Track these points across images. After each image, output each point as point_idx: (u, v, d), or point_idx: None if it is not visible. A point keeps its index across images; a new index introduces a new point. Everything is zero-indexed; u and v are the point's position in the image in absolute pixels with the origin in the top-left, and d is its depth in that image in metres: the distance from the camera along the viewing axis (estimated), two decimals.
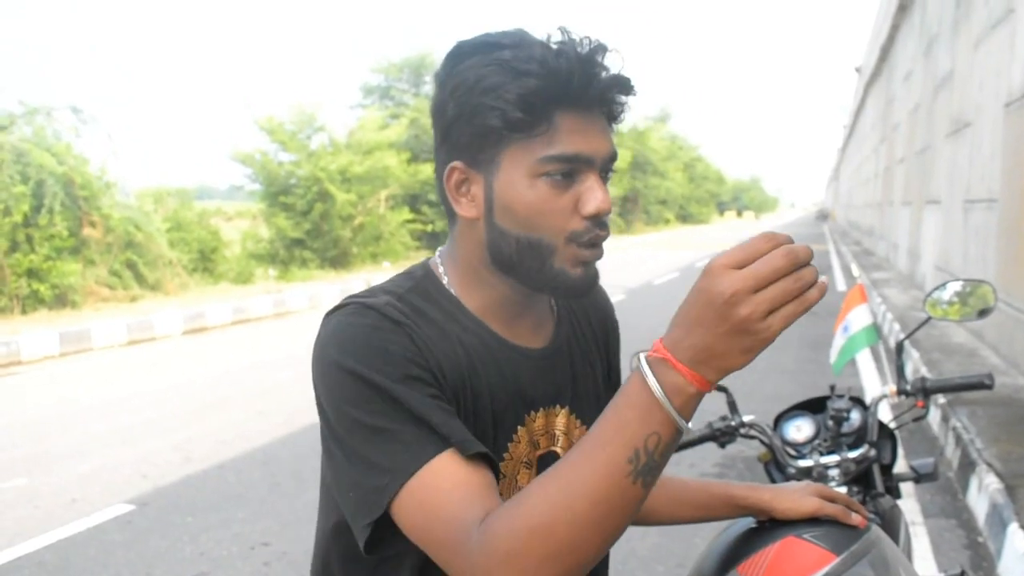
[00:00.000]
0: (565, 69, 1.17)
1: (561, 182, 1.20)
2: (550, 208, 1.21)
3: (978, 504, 5.21)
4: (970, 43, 11.68)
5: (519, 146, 1.20)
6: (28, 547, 5.04)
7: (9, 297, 15.04)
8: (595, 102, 1.23)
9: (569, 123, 1.20)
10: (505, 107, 1.17)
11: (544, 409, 1.35)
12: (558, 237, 1.22)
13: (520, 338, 1.34)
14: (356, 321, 1.19)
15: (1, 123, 16.56)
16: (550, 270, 1.23)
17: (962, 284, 2.54)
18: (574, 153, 1.19)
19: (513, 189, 1.21)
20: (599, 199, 1.21)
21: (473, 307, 1.31)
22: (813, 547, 1.38)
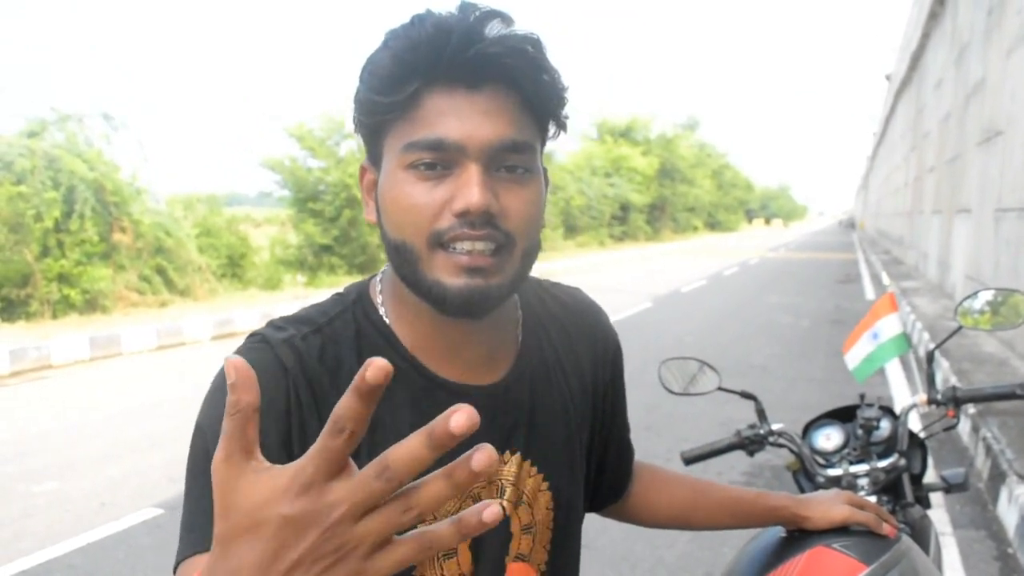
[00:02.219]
0: (415, 37, 1.00)
1: (428, 174, 1.03)
2: (412, 204, 1.03)
3: (1008, 515, 5.16)
4: (1002, 51, 11.58)
5: (393, 134, 1.05)
6: (58, 550, 5.08)
7: (40, 302, 15.17)
8: (474, 76, 1.02)
9: (438, 102, 1.02)
10: (364, 90, 1.04)
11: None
12: (419, 238, 1.04)
13: (464, 374, 1.16)
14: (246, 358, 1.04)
15: (33, 129, 16.73)
16: (424, 280, 1.06)
17: (994, 293, 2.52)
18: (437, 138, 1.01)
19: (387, 185, 1.06)
20: (470, 195, 1.00)
21: (404, 336, 1.15)
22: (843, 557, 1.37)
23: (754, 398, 2.40)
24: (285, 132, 25.09)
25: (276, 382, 1.05)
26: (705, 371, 2.33)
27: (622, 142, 54.25)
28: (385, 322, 1.15)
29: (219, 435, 0.86)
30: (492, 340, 1.19)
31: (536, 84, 1.06)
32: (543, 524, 1.21)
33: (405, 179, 1.04)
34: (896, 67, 40.91)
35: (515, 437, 1.19)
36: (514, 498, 1.18)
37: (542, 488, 1.21)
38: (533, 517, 1.20)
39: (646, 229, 54.97)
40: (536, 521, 1.20)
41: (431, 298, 1.07)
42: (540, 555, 1.22)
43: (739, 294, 20.11)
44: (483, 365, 1.18)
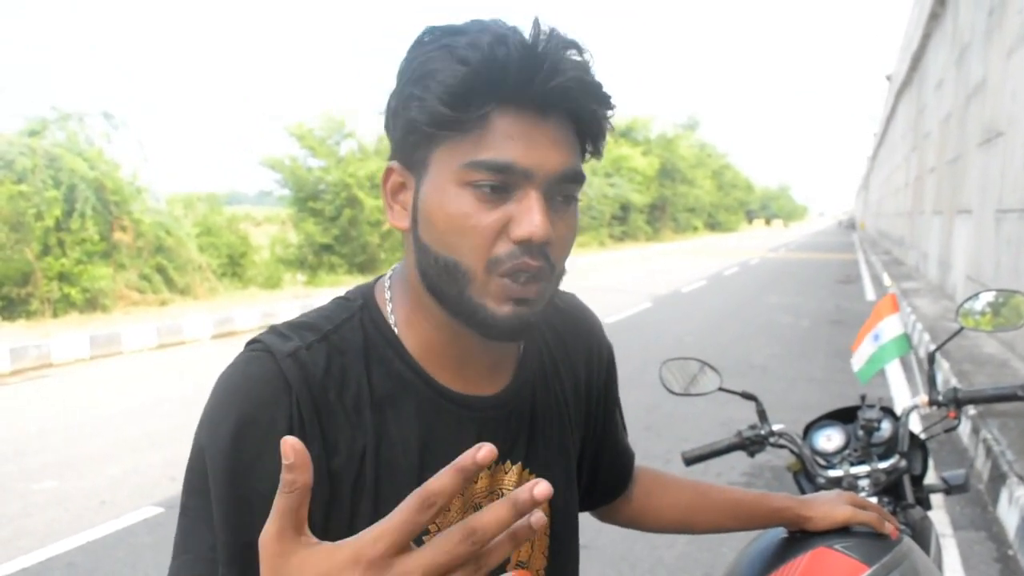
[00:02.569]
0: (502, 58, 0.98)
1: (489, 196, 1.00)
2: (472, 225, 1.01)
3: (1009, 517, 5.16)
4: (1003, 52, 11.58)
5: (449, 147, 1.01)
6: (58, 548, 5.08)
7: (40, 300, 15.17)
8: (547, 104, 1.02)
9: (507, 125, 1.00)
10: (428, 98, 0.99)
11: (490, 467, 1.15)
12: (477, 262, 1.02)
13: (469, 384, 1.15)
14: (242, 372, 1.05)
15: (34, 128, 16.74)
16: (469, 303, 1.04)
17: (995, 294, 2.52)
18: (507, 162, 0.99)
19: (436, 198, 1.03)
20: (534, 223, 0.99)
21: (413, 345, 1.13)
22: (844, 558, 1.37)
23: (755, 399, 2.40)
24: (285, 131, 25.11)
25: (278, 400, 1.03)
26: (706, 371, 2.33)
27: (622, 142, 54.24)
28: (393, 331, 1.13)
29: (235, 459, 0.94)
30: (498, 350, 1.18)
31: (592, 116, 1.06)
32: (541, 531, 1.14)
33: (463, 196, 1.01)
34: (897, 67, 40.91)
35: (516, 447, 1.19)
36: None
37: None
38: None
39: (646, 229, 54.99)
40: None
41: (474, 321, 1.05)
42: (539, 560, 1.22)
43: (739, 294, 20.11)
44: (487, 375, 1.17)
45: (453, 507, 1.12)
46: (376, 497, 1.06)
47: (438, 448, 1.11)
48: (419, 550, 0.66)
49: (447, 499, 0.66)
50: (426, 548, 0.66)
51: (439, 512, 0.65)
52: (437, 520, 1.07)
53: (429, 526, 0.99)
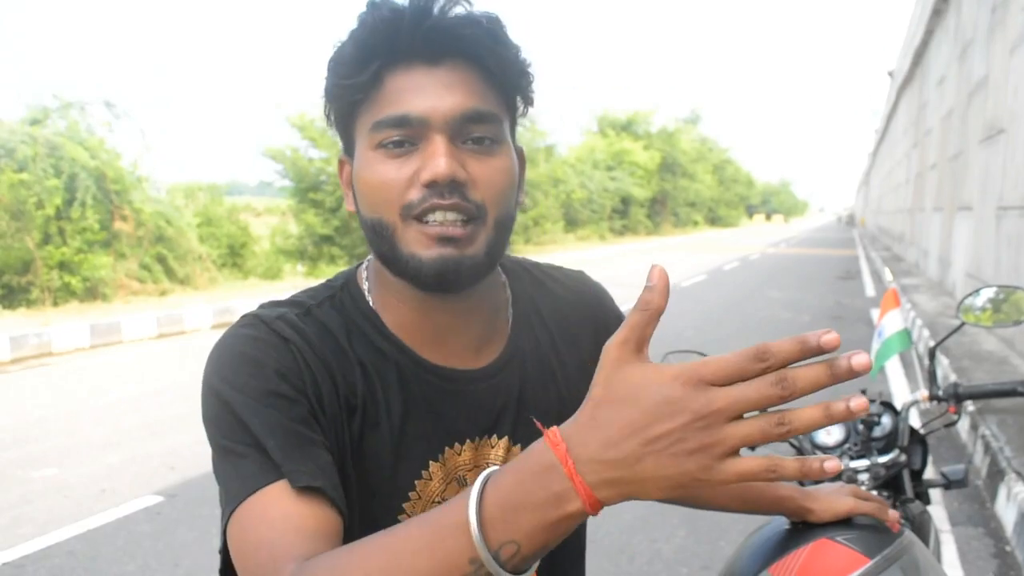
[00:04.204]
0: (371, 20, 1.03)
1: (396, 151, 1.04)
2: (383, 181, 1.04)
3: (1006, 513, 5.17)
4: (1005, 49, 11.57)
5: (361, 118, 1.07)
6: (58, 536, 5.09)
7: (41, 289, 15.19)
8: (437, 53, 1.04)
9: (399, 81, 1.04)
10: (330, 77, 1.06)
11: (475, 440, 1.17)
12: (393, 213, 1.05)
13: (451, 358, 1.16)
14: (239, 333, 1.08)
15: (35, 117, 16.74)
16: (400, 256, 1.06)
17: (996, 290, 2.53)
18: (401, 114, 1.03)
19: (359, 167, 1.08)
20: (436, 165, 1.01)
21: (391, 322, 1.15)
22: (846, 550, 1.37)
23: None
24: (287, 122, 25.09)
25: (280, 352, 1.05)
26: None
27: (624, 136, 54.20)
28: (371, 307, 1.16)
29: (253, 399, 1.01)
30: (479, 324, 1.19)
31: (496, 57, 1.07)
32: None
33: (375, 158, 1.05)
34: (899, 63, 40.86)
35: (502, 422, 1.19)
36: None
37: None
38: None
39: (647, 223, 54.98)
40: None
41: (407, 273, 1.07)
42: None
43: (739, 289, 20.11)
44: (471, 350, 1.18)
45: (435, 477, 1.14)
46: (360, 451, 1.09)
47: (419, 416, 1.13)
48: (733, 386, 0.72)
49: (780, 361, 0.71)
50: (739, 385, 0.71)
51: (768, 369, 0.70)
52: (418, 486, 1.12)
53: (410, 493, 1.11)
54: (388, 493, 1.11)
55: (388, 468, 1.10)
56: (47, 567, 4.69)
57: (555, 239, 37.62)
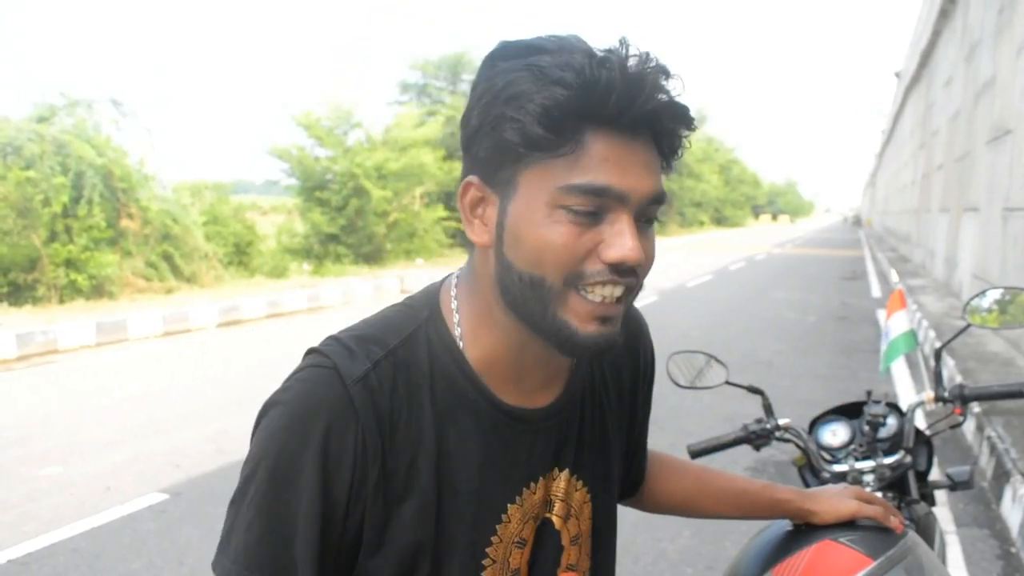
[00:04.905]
0: (605, 81, 0.97)
1: (582, 219, 1.00)
2: (563, 245, 1.00)
3: (1012, 514, 5.16)
4: (1012, 50, 11.55)
5: (541, 168, 1.00)
6: (63, 534, 5.10)
7: (47, 287, 15.22)
8: (640, 128, 1.02)
9: (603, 148, 0.99)
10: (526, 119, 0.98)
11: (544, 477, 1.18)
12: (559, 278, 1.01)
13: (524, 397, 1.16)
14: (315, 393, 1.05)
15: (42, 114, 16.77)
16: (552, 319, 1.03)
17: (1002, 292, 2.52)
18: (603, 185, 0.99)
19: (526, 218, 1.02)
20: (627, 246, 1.00)
21: (476, 358, 1.13)
22: (849, 551, 1.37)
23: (761, 393, 2.40)
24: (293, 121, 25.11)
25: (346, 426, 1.04)
26: (712, 365, 2.33)
27: None
28: (458, 344, 1.13)
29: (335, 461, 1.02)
30: (556, 364, 1.18)
31: (673, 137, 1.06)
32: (586, 534, 1.24)
33: (556, 218, 1.00)
34: (906, 64, 40.82)
35: (564, 455, 1.20)
36: (563, 512, 1.20)
37: (586, 500, 1.23)
38: (580, 528, 1.23)
39: None
40: (582, 531, 1.23)
41: (556, 339, 1.05)
42: (585, 563, 1.25)
43: (745, 289, 20.10)
44: (542, 387, 1.18)
45: (514, 519, 1.15)
46: (438, 512, 1.09)
47: (495, 462, 1.13)
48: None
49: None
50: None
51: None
52: (499, 530, 1.13)
53: (492, 538, 1.12)
54: (470, 541, 1.11)
55: (468, 518, 1.11)
56: (52, 565, 4.69)
57: None
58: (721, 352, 2.60)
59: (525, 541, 1.16)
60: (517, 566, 1.15)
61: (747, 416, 2.53)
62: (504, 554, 1.14)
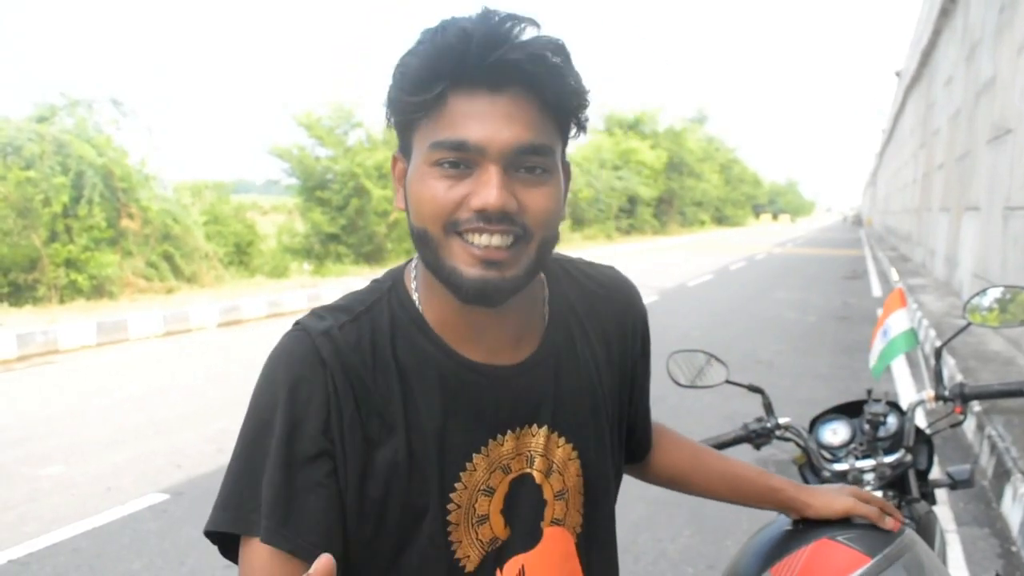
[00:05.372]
0: (452, 43, 1.06)
1: (451, 172, 1.09)
2: (435, 197, 1.09)
3: (1012, 513, 5.16)
4: (1013, 49, 11.55)
5: (421, 131, 1.12)
6: (64, 534, 5.10)
7: (47, 287, 15.22)
8: (500, 81, 1.08)
9: (462, 105, 1.08)
10: (394, 89, 1.12)
11: (516, 431, 1.24)
12: (437, 227, 1.11)
13: (488, 355, 1.23)
14: (285, 350, 1.19)
15: (42, 114, 16.76)
16: (443, 267, 1.13)
17: (1002, 291, 2.52)
18: (461, 139, 1.07)
19: (414, 177, 1.13)
20: (490, 195, 1.07)
21: (434, 321, 1.22)
22: (847, 549, 1.38)
23: (762, 392, 2.40)
24: (293, 120, 25.11)
25: (315, 373, 1.15)
26: (713, 364, 2.33)
27: (631, 135, 54.09)
28: (417, 308, 1.23)
29: (280, 425, 1.12)
30: (518, 322, 1.25)
31: (556, 88, 1.11)
32: (575, 489, 1.29)
33: (430, 174, 1.10)
34: (906, 63, 40.80)
35: (541, 412, 1.26)
36: (544, 468, 1.25)
37: (571, 457, 1.29)
38: (565, 484, 1.28)
39: (653, 223, 54.90)
40: (568, 487, 1.29)
41: (449, 284, 1.13)
42: (574, 518, 1.30)
43: (745, 289, 20.10)
44: (510, 346, 1.24)
45: (479, 467, 1.21)
46: (409, 456, 1.17)
47: (458, 413, 1.20)
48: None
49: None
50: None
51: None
52: (463, 477, 1.20)
53: (456, 484, 1.19)
54: (437, 485, 1.18)
55: (433, 464, 1.17)
56: (52, 565, 4.69)
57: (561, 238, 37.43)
58: (721, 352, 2.60)
59: (493, 490, 1.22)
60: (484, 512, 1.21)
61: (747, 415, 2.53)
62: (469, 500, 1.20)
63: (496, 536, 1.23)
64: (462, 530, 1.20)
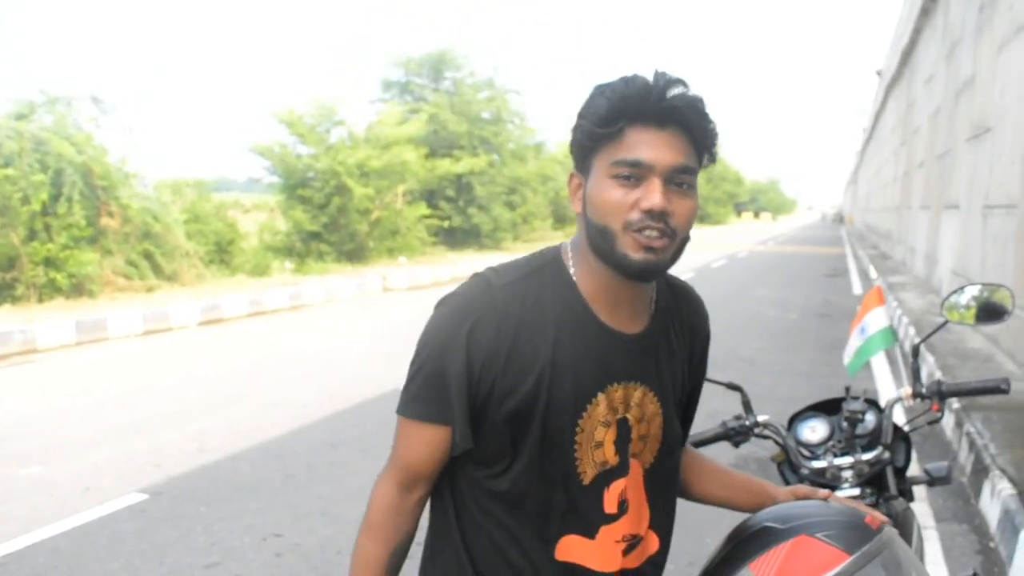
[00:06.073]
0: (634, 93, 1.45)
1: (626, 182, 1.46)
2: (615, 201, 1.46)
3: (990, 509, 5.19)
4: (993, 48, 11.61)
5: (602, 153, 1.48)
6: (42, 534, 5.07)
7: (26, 285, 15.13)
8: (665, 121, 1.46)
9: (636, 135, 1.45)
10: (588, 123, 1.48)
11: (624, 383, 1.59)
12: (618, 224, 1.46)
13: (618, 323, 1.59)
14: (472, 293, 1.56)
15: (21, 111, 16.66)
16: (616, 253, 1.48)
17: (980, 288, 2.53)
18: (635, 159, 1.44)
19: (595, 187, 1.49)
20: (654, 199, 1.44)
21: (586, 290, 1.58)
22: (825, 546, 1.38)
23: (740, 389, 2.41)
24: (275, 118, 25.04)
25: (489, 318, 1.52)
26: None
27: None
28: (573, 279, 1.59)
29: (479, 336, 1.51)
30: (641, 300, 1.63)
31: (700, 129, 1.50)
32: (654, 437, 1.65)
33: (610, 184, 1.47)
34: (887, 62, 40.95)
35: (645, 374, 1.62)
36: (637, 415, 1.61)
37: (658, 412, 1.65)
38: (649, 430, 1.64)
39: None
40: (650, 434, 1.64)
41: (619, 266, 1.49)
42: (648, 457, 1.65)
43: (727, 287, 20.15)
44: (633, 317, 1.61)
45: (600, 404, 1.57)
46: (551, 382, 1.52)
47: (593, 361, 1.56)
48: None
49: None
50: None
51: None
52: (589, 408, 1.56)
53: (583, 412, 1.55)
54: (568, 409, 1.54)
55: (568, 394, 1.53)
56: (31, 565, 4.67)
57: (544, 236, 37.60)
58: None
59: (609, 423, 1.57)
60: (600, 440, 1.57)
61: (728, 413, 2.53)
62: (591, 427, 1.56)
63: (607, 460, 1.58)
64: (583, 450, 1.56)
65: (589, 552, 1.60)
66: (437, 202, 31.78)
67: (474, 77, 36.76)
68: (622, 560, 1.64)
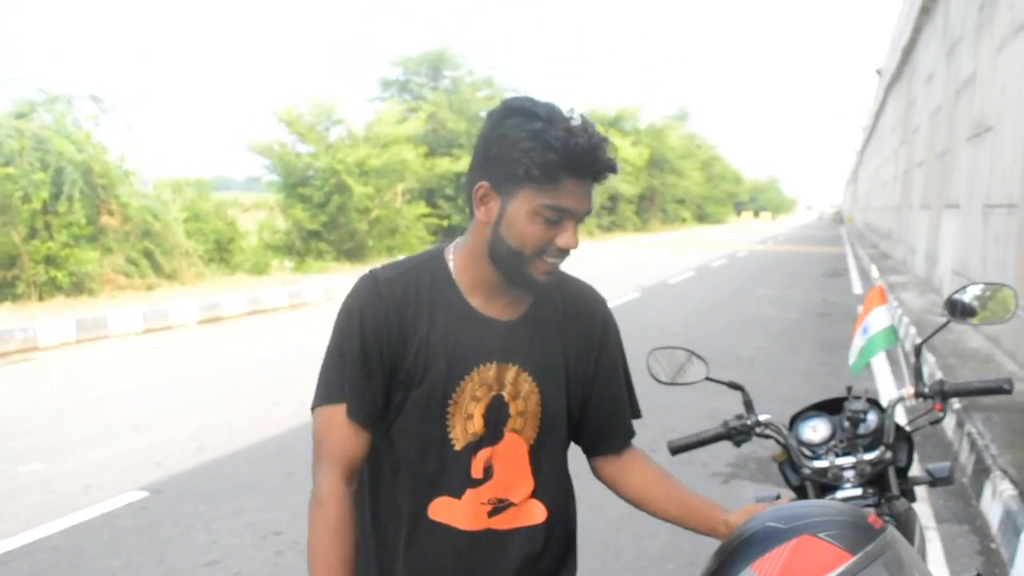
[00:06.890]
0: (578, 152, 1.65)
1: (550, 222, 1.69)
2: (537, 235, 1.70)
3: (992, 510, 5.19)
4: (993, 46, 11.60)
5: (531, 191, 1.67)
6: (43, 531, 5.07)
7: (27, 283, 15.13)
8: (592, 176, 1.71)
9: (570, 186, 1.68)
10: (531, 166, 1.65)
11: (498, 363, 1.81)
12: (532, 252, 1.71)
13: (494, 311, 1.82)
14: (361, 288, 1.80)
15: (21, 110, 16.64)
16: (525, 274, 1.74)
17: (982, 288, 2.53)
18: (566, 207, 1.68)
19: (518, 216, 1.70)
20: (569, 240, 1.71)
21: (463, 283, 1.81)
22: (828, 546, 1.38)
23: (741, 389, 2.40)
24: (274, 117, 25.03)
25: (377, 305, 1.76)
26: (693, 361, 2.33)
27: (611, 132, 54.03)
28: (451, 274, 1.82)
29: (368, 320, 1.76)
30: (516, 293, 1.82)
31: (605, 177, 1.74)
32: (533, 413, 1.85)
33: (535, 221, 1.68)
34: (887, 61, 40.95)
35: (517, 356, 1.82)
36: (512, 393, 1.81)
37: (534, 391, 1.84)
38: (526, 407, 1.84)
39: (635, 220, 55.02)
40: (527, 410, 1.84)
41: (526, 284, 1.76)
42: (530, 433, 1.85)
43: (727, 286, 20.16)
44: (506, 307, 1.83)
45: (473, 380, 1.78)
46: (426, 364, 1.76)
47: (466, 341, 1.78)
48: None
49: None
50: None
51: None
52: (462, 384, 1.78)
53: (456, 388, 1.77)
54: (444, 383, 1.77)
55: (443, 368, 1.77)
56: (31, 563, 4.67)
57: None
58: (702, 349, 2.60)
59: (479, 398, 1.79)
60: (471, 412, 1.78)
61: (729, 412, 2.53)
62: (464, 401, 1.78)
63: (476, 431, 1.79)
64: (456, 419, 1.78)
65: (456, 511, 1.81)
66: (436, 201, 31.80)
67: (473, 76, 36.81)
68: (488, 521, 1.83)
